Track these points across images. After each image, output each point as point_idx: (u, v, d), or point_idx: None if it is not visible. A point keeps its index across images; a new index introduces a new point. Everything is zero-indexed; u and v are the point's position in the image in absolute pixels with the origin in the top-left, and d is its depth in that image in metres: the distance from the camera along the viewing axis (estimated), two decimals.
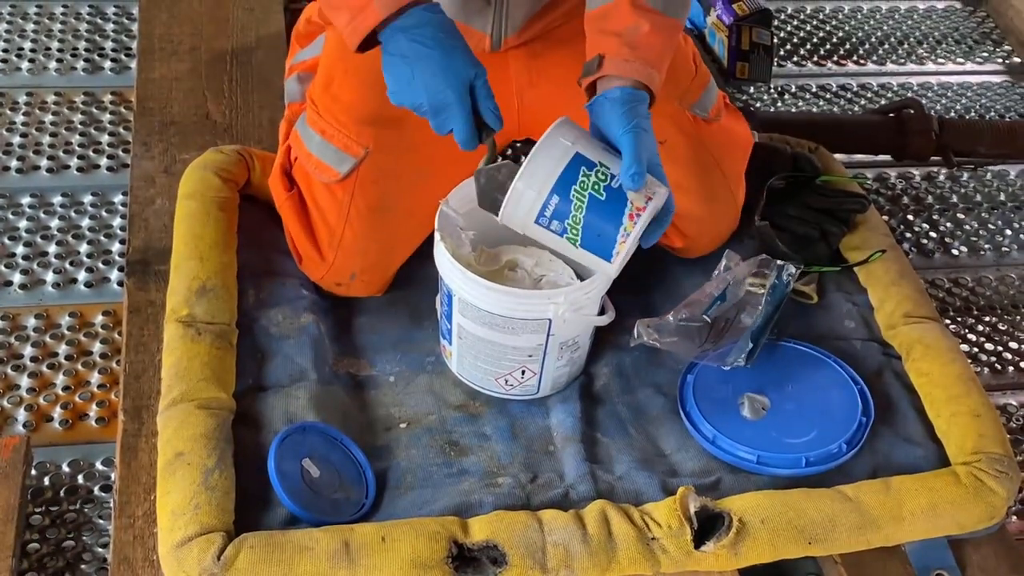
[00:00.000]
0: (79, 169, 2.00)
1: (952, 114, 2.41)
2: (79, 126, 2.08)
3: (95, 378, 1.68)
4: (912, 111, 2.14)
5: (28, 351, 1.71)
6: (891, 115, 2.17)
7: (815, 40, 2.61)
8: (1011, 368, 1.91)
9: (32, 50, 2.22)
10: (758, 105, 2.36)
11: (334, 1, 1.26)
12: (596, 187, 1.20)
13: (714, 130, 1.55)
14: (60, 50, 2.23)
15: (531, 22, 1.46)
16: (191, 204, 1.53)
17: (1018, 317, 2.00)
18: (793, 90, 2.43)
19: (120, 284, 1.79)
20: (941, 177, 2.28)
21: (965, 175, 2.29)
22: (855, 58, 2.56)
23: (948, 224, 2.17)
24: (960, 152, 2.18)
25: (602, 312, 1.41)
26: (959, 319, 1.98)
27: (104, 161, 2.02)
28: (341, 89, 1.46)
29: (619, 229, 1.21)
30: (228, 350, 1.40)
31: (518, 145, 2.04)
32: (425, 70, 1.19)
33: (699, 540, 1.25)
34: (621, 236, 1.21)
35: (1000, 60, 2.62)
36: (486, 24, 1.43)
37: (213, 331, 1.39)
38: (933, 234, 2.15)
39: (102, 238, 1.89)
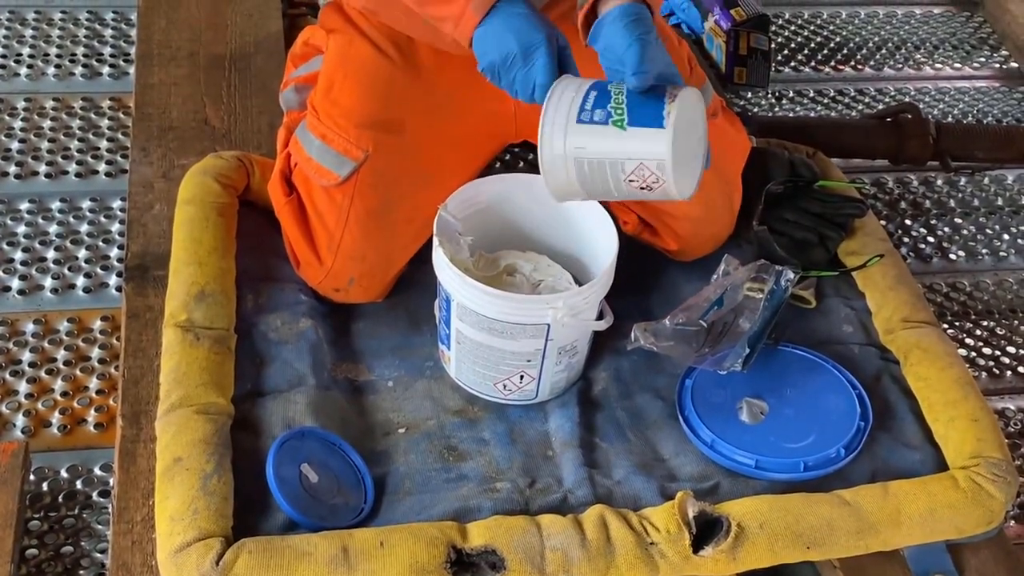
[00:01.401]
0: (78, 175, 2.00)
1: (949, 119, 2.41)
2: (78, 131, 2.08)
3: (93, 383, 1.68)
4: (909, 115, 2.15)
5: (27, 356, 1.71)
6: (888, 119, 2.18)
7: (812, 45, 2.61)
8: (1009, 372, 1.91)
9: (31, 55, 2.22)
10: (755, 110, 2.37)
11: (435, 13, 1.26)
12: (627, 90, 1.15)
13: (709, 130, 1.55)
14: (59, 55, 2.23)
15: None
16: (190, 209, 1.53)
17: (1016, 321, 2.00)
18: (791, 95, 2.44)
19: (118, 289, 1.79)
20: (939, 182, 2.28)
21: (962, 180, 2.30)
22: (852, 63, 2.57)
23: (946, 229, 2.17)
24: (957, 157, 2.18)
25: (600, 317, 1.41)
26: (957, 323, 1.98)
27: (103, 166, 2.02)
28: (341, 93, 1.47)
29: (664, 98, 1.14)
30: (227, 355, 1.40)
31: (516, 150, 2.05)
32: (514, 23, 1.19)
33: (697, 545, 1.25)
34: (668, 99, 1.14)
35: (997, 65, 2.63)
36: None
37: (212, 336, 1.39)
38: (931, 239, 2.15)
39: (100, 243, 1.89)
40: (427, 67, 1.47)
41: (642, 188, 1.15)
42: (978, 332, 1.97)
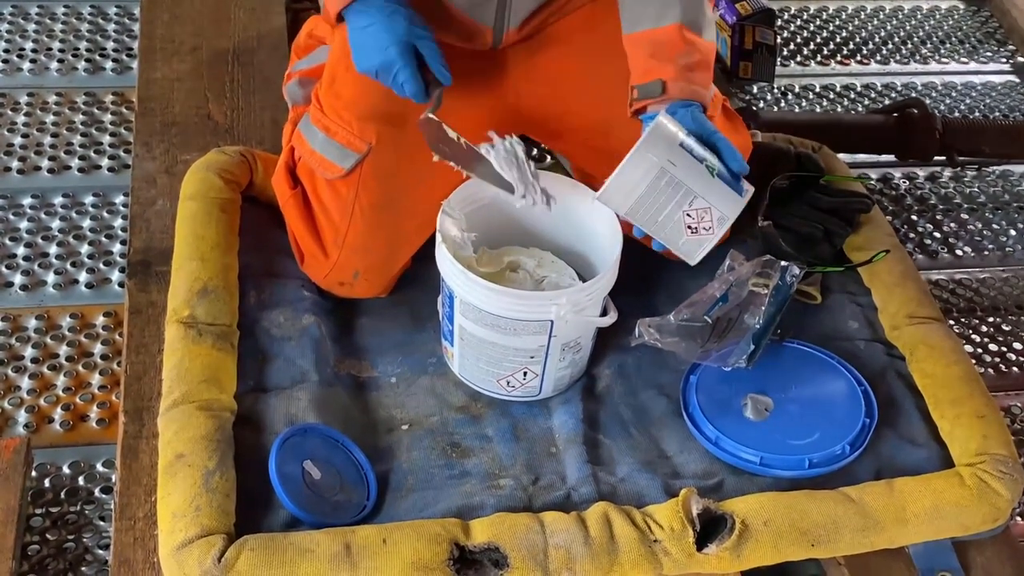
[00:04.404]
0: (80, 170, 2.00)
1: (956, 114, 2.40)
2: (80, 127, 2.08)
3: (96, 379, 1.68)
4: (916, 111, 2.14)
5: (29, 352, 1.71)
6: (895, 115, 2.17)
7: (818, 40, 2.60)
8: (1015, 369, 1.90)
9: (34, 50, 2.22)
10: (761, 105, 2.36)
11: None
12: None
13: None
14: (62, 50, 2.23)
15: (532, 15, 1.46)
16: (193, 205, 1.53)
17: (1022, 317, 1.99)
18: (797, 90, 2.43)
19: (121, 285, 1.78)
20: (945, 177, 2.27)
21: (969, 175, 2.29)
22: (858, 58, 2.56)
23: (952, 224, 2.16)
24: (964, 152, 2.17)
25: (604, 313, 1.40)
26: (963, 319, 1.97)
27: (105, 162, 2.02)
28: (343, 86, 1.46)
29: (741, 178, 1.31)
30: (229, 351, 1.39)
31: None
32: (373, 34, 1.31)
33: (701, 542, 1.24)
34: (744, 181, 1.31)
35: (1004, 60, 2.61)
36: (490, 16, 1.43)
37: (214, 332, 1.39)
38: (937, 234, 2.14)
39: (103, 239, 1.88)
40: None
41: (688, 227, 1.29)
42: (984, 328, 1.96)
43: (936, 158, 2.17)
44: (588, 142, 1.56)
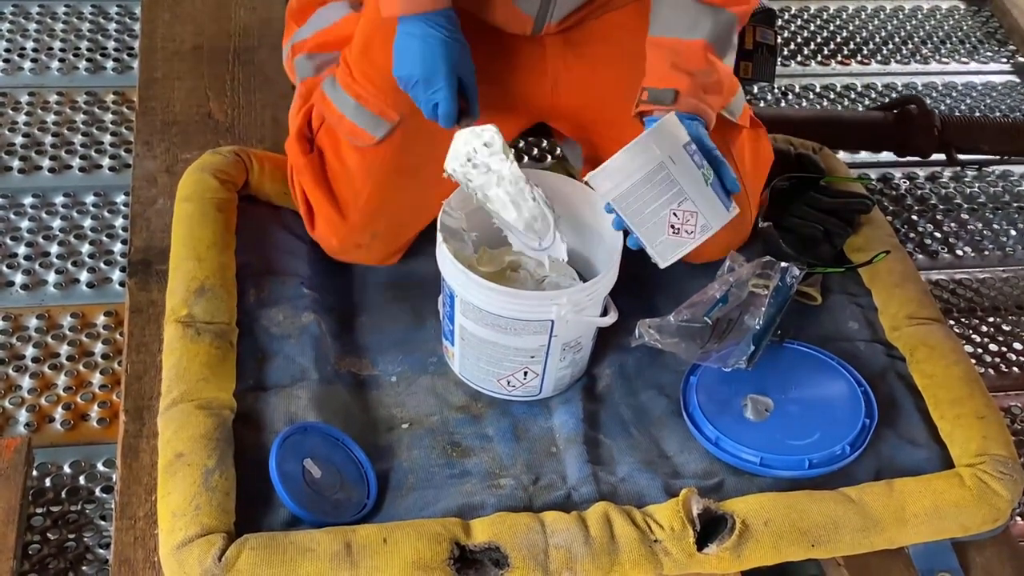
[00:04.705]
0: (81, 169, 2.00)
1: (956, 114, 2.40)
2: (81, 126, 2.08)
3: (96, 379, 1.68)
4: (914, 107, 2.14)
5: (30, 352, 1.71)
6: (894, 111, 2.17)
7: (819, 40, 2.60)
8: (1015, 369, 1.90)
9: (35, 50, 2.22)
10: (761, 105, 2.36)
11: None
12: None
13: (737, 138, 1.54)
14: (63, 50, 2.23)
15: (575, 11, 1.46)
16: (189, 206, 1.53)
17: (1022, 318, 1.99)
18: (797, 90, 2.43)
19: (122, 284, 1.79)
20: (945, 177, 2.27)
21: (969, 175, 2.29)
22: (859, 58, 2.56)
23: (952, 224, 2.17)
24: (962, 149, 2.17)
25: (604, 313, 1.40)
26: (963, 320, 1.98)
27: (106, 161, 2.02)
28: (380, 54, 1.45)
29: (730, 198, 1.34)
30: (228, 350, 1.39)
31: (521, 144, 2.04)
32: (427, 46, 1.34)
33: (702, 542, 1.24)
34: (732, 199, 1.35)
35: (1004, 60, 2.61)
36: (533, 7, 1.43)
37: (212, 331, 1.39)
38: (937, 234, 2.14)
39: (104, 238, 1.89)
40: (465, 30, 1.46)
41: (671, 226, 1.31)
42: (984, 329, 1.96)
43: (935, 155, 2.17)
44: (614, 135, 1.55)
